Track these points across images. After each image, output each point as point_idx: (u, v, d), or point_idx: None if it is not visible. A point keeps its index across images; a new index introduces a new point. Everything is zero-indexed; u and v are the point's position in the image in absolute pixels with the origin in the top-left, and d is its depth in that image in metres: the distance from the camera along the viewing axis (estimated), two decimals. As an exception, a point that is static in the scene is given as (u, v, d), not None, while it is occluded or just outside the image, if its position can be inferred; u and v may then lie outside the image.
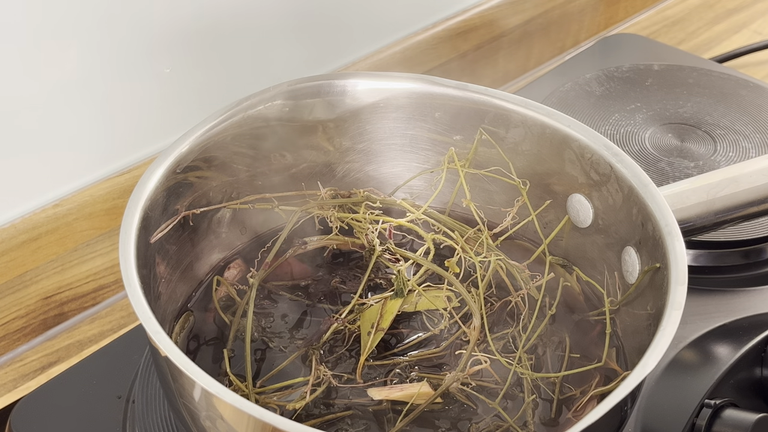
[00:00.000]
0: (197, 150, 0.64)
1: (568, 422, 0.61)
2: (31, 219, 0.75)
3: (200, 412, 0.53)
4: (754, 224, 0.78)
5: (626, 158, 0.64)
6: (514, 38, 1.05)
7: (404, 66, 0.96)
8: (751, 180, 0.68)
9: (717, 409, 0.65)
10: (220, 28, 0.81)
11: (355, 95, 0.70)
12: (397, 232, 0.72)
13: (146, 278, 0.58)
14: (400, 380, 0.63)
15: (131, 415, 0.66)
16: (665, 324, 0.54)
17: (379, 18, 0.94)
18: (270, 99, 0.67)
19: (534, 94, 0.91)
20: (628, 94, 0.94)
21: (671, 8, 1.21)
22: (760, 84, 0.96)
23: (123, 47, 0.76)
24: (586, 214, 0.67)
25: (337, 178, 0.73)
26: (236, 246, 0.71)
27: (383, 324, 0.65)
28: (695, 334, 0.71)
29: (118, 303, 0.82)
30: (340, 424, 0.61)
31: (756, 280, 0.78)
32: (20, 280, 0.76)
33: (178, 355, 0.51)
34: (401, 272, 0.67)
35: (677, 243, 0.59)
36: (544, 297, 0.67)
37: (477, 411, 0.62)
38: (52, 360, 0.77)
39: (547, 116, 0.68)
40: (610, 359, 0.63)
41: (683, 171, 0.85)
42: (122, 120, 0.78)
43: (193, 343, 0.65)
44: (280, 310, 0.68)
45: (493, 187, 0.71)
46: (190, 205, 0.65)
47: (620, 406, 0.52)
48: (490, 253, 0.69)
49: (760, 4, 1.21)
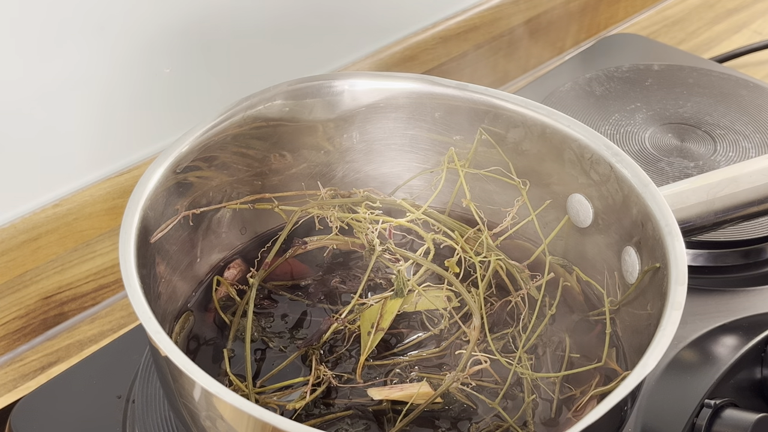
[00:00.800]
0: (197, 150, 0.64)
1: (568, 422, 0.61)
2: (31, 219, 0.75)
3: (200, 412, 0.53)
4: (754, 224, 0.78)
5: (626, 158, 0.64)
6: (514, 38, 1.05)
7: (404, 66, 0.96)
8: (751, 180, 0.68)
9: (717, 409, 0.65)
10: (220, 28, 0.81)
11: (355, 95, 0.70)
12: (397, 232, 0.72)
13: (146, 278, 0.58)
14: (400, 380, 0.63)
15: (131, 415, 0.66)
16: (665, 324, 0.54)
17: (379, 18, 0.94)
18: (270, 99, 0.67)
19: (534, 94, 0.91)
20: (628, 94, 0.94)
21: (671, 8, 1.21)
22: (760, 84, 0.96)
23: (123, 47, 0.76)
24: (586, 214, 0.67)
25: (337, 178, 0.73)
26: (236, 246, 0.71)
27: (383, 324, 0.65)
28: (695, 334, 0.71)
29: (118, 303, 0.82)
30: (340, 424, 0.61)
31: (756, 280, 0.78)
32: (20, 280, 0.76)
33: (178, 355, 0.51)
34: (401, 272, 0.67)
35: (677, 243, 0.59)
36: (544, 297, 0.67)
37: (477, 411, 0.62)
38: (52, 360, 0.77)
39: (547, 116, 0.68)
40: (610, 359, 0.63)
41: (683, 171, 0.85)
42: (122, 120, 0.78)
43: (193, 343, 0.65)
44: (280, 310, 0.68)
45: (493, 187, 0.71)
46: (190, 205, 0.65)
47: (620, 406, 0.52)
48: (490, 253, 0.69)
49: (760, 4, 1.21)
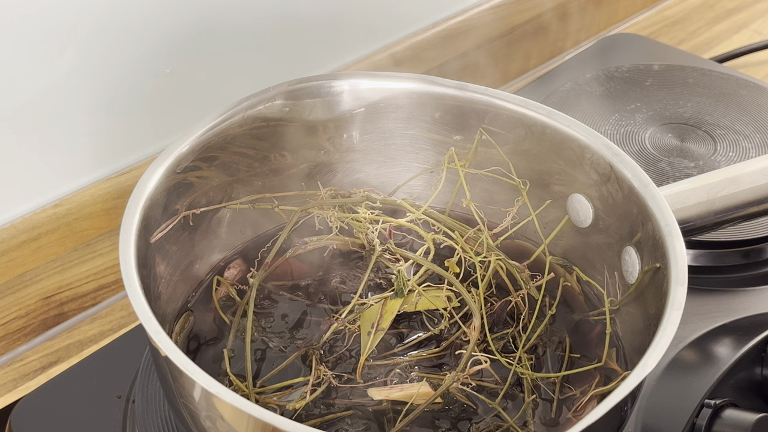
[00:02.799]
0: (197, 150, 0.64)
1: (568, 422, 0.61)
2: (31, 219, 0.75)
3: (200, 412, 0.53)
4: (754, 224, 0.78)
5: (626, 158, 0.64)
6: (515, 38, 1.05)
7: (404, 66, 0.96)
8: (751, 180, 0.68)
9: (717, 409, 0.65)
10: (221, 28, 0.81)
11: (355, 95, 0.70)
12: (397, 232, 0.72)
13: (146, 278, 0.58)
14: (400, 380, 0.63)
15: (131, 415, 0.66)
16: (665, 324, 0.54)
17: (379, 18, 0.94)
18: (270, 99, 0.67)
19: (534, 94, 0.91)
20: (628, 94, 0.94)
21: (671, 8, 1.21)
22: (760, 84, 0.96)
23: (123, 47, 0.76)
24: (586, 214, 0.67)
25: (337, 178, 0.73)
26: (236, 246, 0.71)
27: (383, 324, 0.65)
28: (695, 334, 0.71)
29: (118, 303, 0.82)
30: (340, 424, 0.61)
31: (756, 280, 0.77)
32: (20, 280, 0.76)
33: (178, 355, 0.51)
34: (401, 272, 0.67)
35: (677, 243, 0.59)
36: (544, 297, 0.67)
37: (477, 411, 0.62)
38: (52, 360, 0.77)
39: (547, 116, 0.68)
40: (610, 359, 0.63)
41: (683, 171, 0.85)
42: (122, 120, 0.78)
43: (193, 343, 0.65)
44: (280, 310, 0.68)
45: (493, 187, 0.71)
46: (190, 205, 0.65)
47: (620, 406, 0.52)
48: (490, 253, 0.69)
49: (760, 4, 1.21)
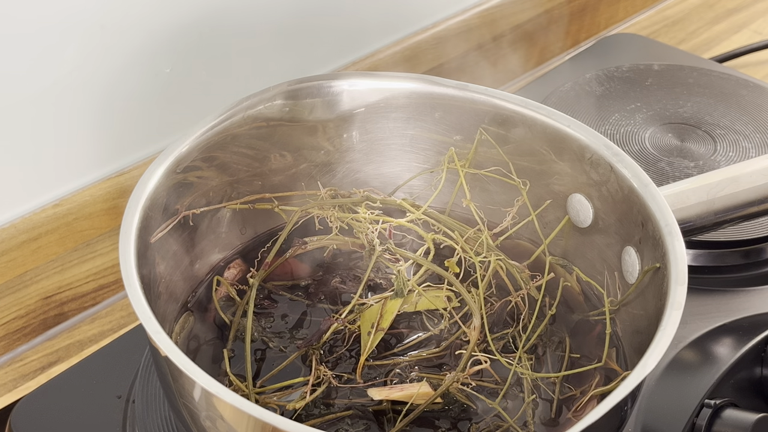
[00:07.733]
0: (197, 150, 0.64)
1: (568, 422, 0.61)
2: (31, 219, 0.75)
3: (200, 412, 0.53)
4: (754, 224, 0.78)
5: (626, 158, 0.64)
6: (514, 38, 1.05)
7: (404, 66, 0.96)
8: (751, 180, 0.68)
9: (717, 409, 0.65)
10: (220, 28, 0.81)
11: (355, 95, 0.70)
12: (397, 232, 0.72)
13: (146, 278, 0.58)
14: (400, 380, 0.63)
15: (131, 415, 0.66)
16: (665, 324, 0.54)
17: (379, 18, 0.94)
18: (270, 99, 0.67)
19: (534, 94, 0.91)
20: (628, 94, 0.94)
21: (671, 8, 1.21)
22: (760, 84, 0.96)
23: (123, 47, 0.76)
24: (586, 214, 0.67)
25: (337, 178, 0.73)
26: (236, 246, 0.71)
27: (383, 324, 0.65)
28: (695, 334, 0.71)
29: (118, 303, 0.82)
30: (340, 424, 0.61)
31: (756, 280, 0.77)
32: (20, 280, 0.76)
33: (178, 355, 0.51)
34: (401, 272, 0.67)
35: (677, 243, 0.59)
36: (544, 297, 0.67)
37: (477, 411, 0.62)
38: (52, 360, 0.77)
39: (547, 116, 0.68)
40: (610, 359, 0.63)
41: (683, 171, 0.85)
42: (122, 120, 0.78)
43: (193, 343, 0.65)
44: (280, 310, 0.68)
45: (493, 187, 0.71)
46: (190, 205, 0.65)
47: (620, 406, 0.52)
48: (490, 253, 0.69)
49: (760, 4, 1.21)
